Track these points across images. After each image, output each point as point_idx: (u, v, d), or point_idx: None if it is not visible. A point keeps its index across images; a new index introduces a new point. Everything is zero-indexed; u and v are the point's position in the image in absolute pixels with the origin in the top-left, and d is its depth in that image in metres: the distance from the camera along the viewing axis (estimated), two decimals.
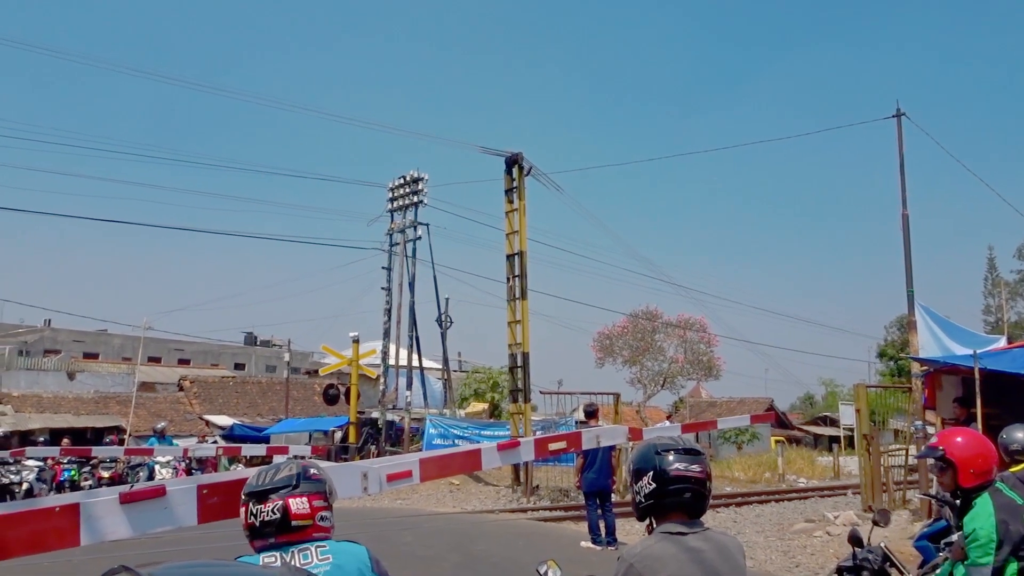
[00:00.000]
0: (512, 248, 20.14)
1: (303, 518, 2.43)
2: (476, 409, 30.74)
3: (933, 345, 15.14)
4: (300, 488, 2.44)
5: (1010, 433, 5.30)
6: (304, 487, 2.45)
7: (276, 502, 2.41)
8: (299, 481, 2.46)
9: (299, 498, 2.43)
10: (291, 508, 2.41)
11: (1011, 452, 5.19)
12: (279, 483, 2.44)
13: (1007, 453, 5.22)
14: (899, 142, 17.26)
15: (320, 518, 2.47)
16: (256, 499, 2.44)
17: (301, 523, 2.43)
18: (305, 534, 2.43)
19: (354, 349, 26.75)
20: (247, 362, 54.72)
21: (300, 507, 2.43)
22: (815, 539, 12.18)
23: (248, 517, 2.44)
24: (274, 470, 2.50)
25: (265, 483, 2.45)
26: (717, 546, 2.58)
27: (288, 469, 2.49)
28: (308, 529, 2.44)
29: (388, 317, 29.32)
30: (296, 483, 2.44)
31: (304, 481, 2.47)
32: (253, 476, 2.52)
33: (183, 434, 30.28)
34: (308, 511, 2.44)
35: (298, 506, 2.42)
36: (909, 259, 16.68)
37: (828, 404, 55.75)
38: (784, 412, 54.17)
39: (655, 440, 2.74)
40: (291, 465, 2.53)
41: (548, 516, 15.48)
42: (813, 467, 30.64)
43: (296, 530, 2.41)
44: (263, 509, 2.41)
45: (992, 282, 49.85)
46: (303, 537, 2.43)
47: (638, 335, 38.93)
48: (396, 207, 29.48)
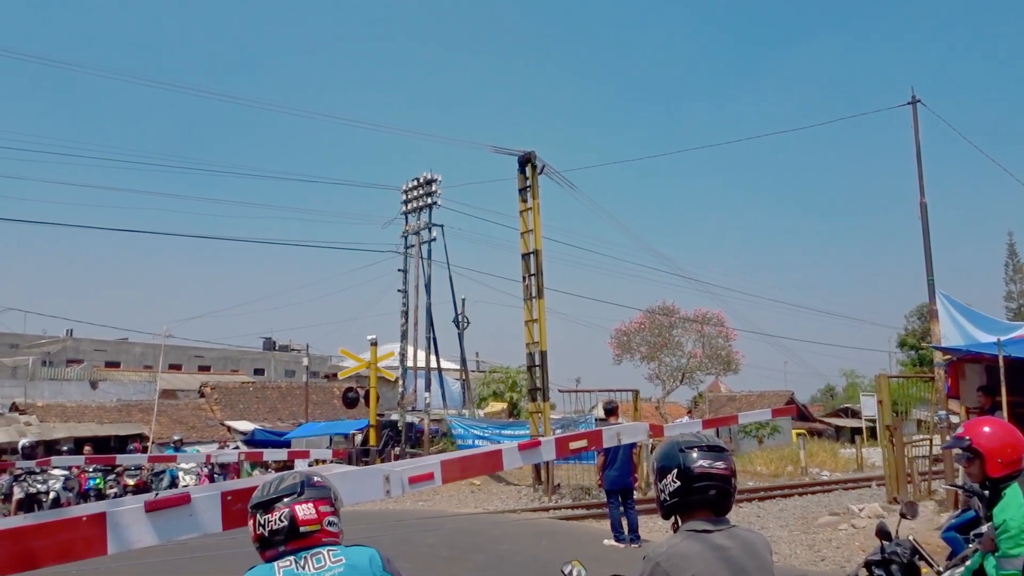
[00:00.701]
0: (527, 247, 20.12)
1: (311, 524, 2.46)
2: (495, 409, 30.74)
3: (955, 333, 14.97)
4: (305, 495, 2.48)
5: None
6: (309, 493, 2.49)
7: (283, 510, 2.45)
8: (303, 488, 2.49)
9: (305, 504, 2.47)
10: (298, 515, 2.44)
11: None
12: (284, 491, 2.48)
13: None
14: (915, 129, 17.08)
15: (328, 523, 2.51)
16: (263, 509, 2.47)
17: (309, 529, 2.46)
18: (315, 539, 2.46)
19: (372, 352, 26.85)
20: (266, 367, 55.06)
21: (307, 513, 2.46)
22: (840, 532, 12.09)
23: (256, 528, 2.48)
24: (278, 480, 2.54)
25: (270, 493, 2.49)
26: (743, 543, 2.57)
27: (292, 478, 2.54)
28: (317, 534, 2.47)
29: (405, 319, 29.39)
30: (301, 490, 2.48)
31: (308, 488, 2.51)
32: (258, 488, 2.56)
33: (205, 440, 30.52)
34: (315, 516, 2.47)
35: (305, 512, 2.46)
36: (928, 247, 16.51)
37: (849, 395, 55.28)
38: (805, 405, 53.79)
39: (678, 437, 2.73)
40: (294, 475, 2.57)
41: (570, 515, 15.46)
42: (836, 459, 30.40)
43: (305, 536, 2.45)
44: (271, 518, 2.45)
45: (1013, 268, 49.20)
46: (313, 543, 2.46)
47: (655, 331, 38.73)
48: (410, 209, 29.55)
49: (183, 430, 32.62)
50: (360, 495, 4.74)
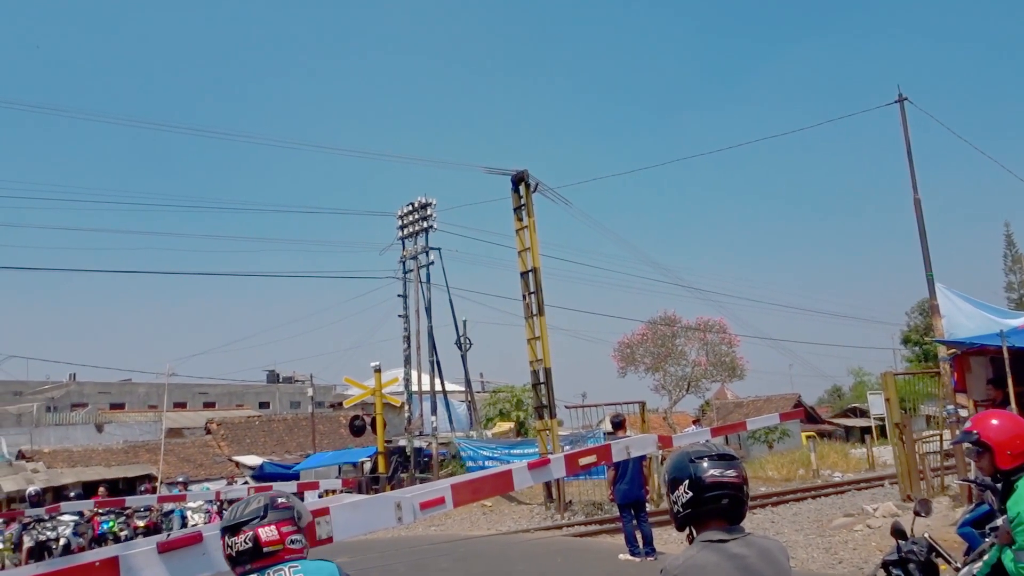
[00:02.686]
0: (525, 265, 20.15)
1: (273, 544, 2.70)
2: (502, 429, 30.66)
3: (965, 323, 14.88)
4: (268, 518, 2.72)
5: None
6: (272, 516, 2.73)
7: (247, 533, 2.69)
8: (267, 512, 2.73)
9: (268, 527, 2.71)
10: (261, 537, 2.69)
11: None
12: (248, 516, 2.72)
13: None
14: (904, 127, 17.19)
15: (291, 541, 2.74)
16: (230, 532, 2.73)
17: (272, 548, 2.70)
18: (278, 557, 2.70)
19: (376, 379, 26.80)
20: (271, 400, 54.91)
21: (270, 535, 2.70)
22: (856, 533, 12.01)
23: (225, 549, 2.74)
24: (244, 504, 2.79)
25: (237, 517, 2.74)
26: (760, 550, 2.55)
27: (256, 502, 2.77)
28: (280, 553, 2.71)
29: (407, 344, 29.39)
30: (264, 513, 2.73)
31: (272, 511, 2.74)
32: (227, 511, 2.84)
33: (214, 477, 30.36)
34: (277, 537, 2.71)
35: (267, 534, 2.70)
36: (925, 243, 16.56)
37: (857, 395, 55.14)
38: (812, 406, 53.61)
39: (688, 448, 2.73)
40: (259, 498, 2.81)
41: (583, 531, 15.38)
42: (847, 460, 30.27)
43: (268, 555, 2.69)
44: (237, 540, 2.70)
45: (1012, 259, 49.25)
46: (276, 560, 2.70)
47: (658, 341, 38.68)
48: (407, 234, 29.64)
49: (191, 468, 32.49)
50: (372, 524, 4.73)
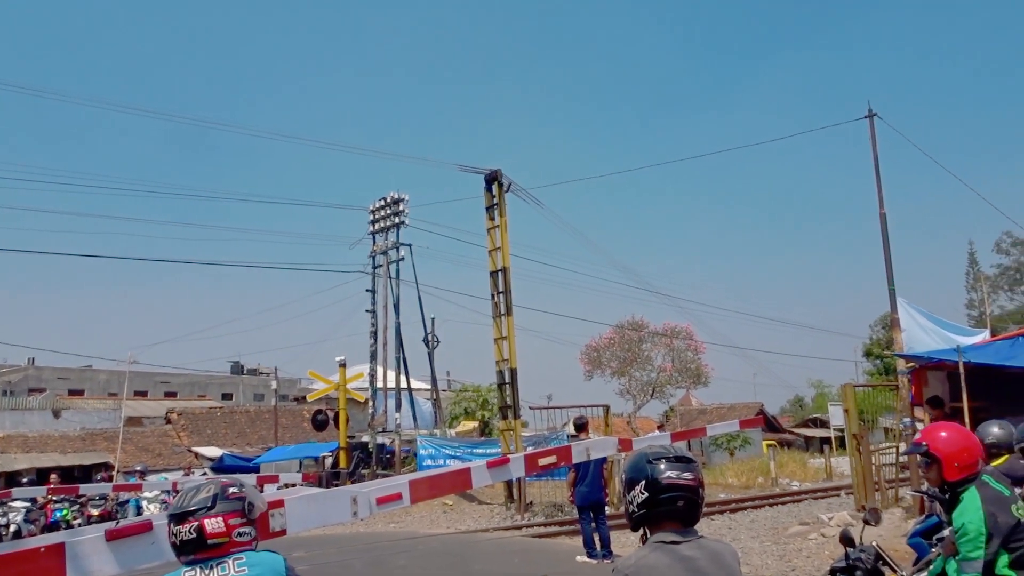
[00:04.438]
0: (495, 265, 20.15)
1: (219, 536, 2.61)
2: (466, 428, 30.62)
3: (924, 338, 15.22)
4: (216, 508, 2.63)
5: (985, 428, 5.33)
6: (220, 507, 2.64)
7: (192, 523, 2.60)
8: (215, 502, 2.64)
9: (214, 518, 2.62)
10: (206, 528, 2.60)
11: (987, 447, 5.22)
12: (195, 505, 2.63)
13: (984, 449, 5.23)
14: (872, 142, 17.51)
15: (238, 534, 2.65)
16: (176, 520, 2.63)
17: (217, 541, 2.61)
18: (223, 550, 2.61)
19: (341, 373, 26.63)
20: (234, 392, 54.30)
21: (215, 526, 2.61)
22: (810, 541, 12.18)
23: (170, 536, 2.65)
24: (193, 491, 2.70)
25: (183, 505, 2.65)
26: (711, 553, 2.57)
27: (206, 491, 2.68)
28: (225, 545, 2.62)
29: (374, 339, 29.23)
30: (212, 504, 2.63)
31: (221, 501, 2.65)
32: (176, 498, 2.72)
33: (172, 467, 29.94)
34: (223, 529, 2.62)
35: (213, 526, 2.61)
36: (889, 257, 16.87)
37: (818, 405, 55.93)
38: (774, 416, 54.27)
39: (646, 449, 2.74)
40: (210, 486, 2.71)
41: (543, 532, 15.41)
42: (805, 469, 30.73)
43: (213, 547, 2.60)
44: (181, 529, 2.61)
45: (974, 276, 50.29)
46: (220, 553, 2.61)
47: (625, 346, 38.92)
48: (378, 229, 29.47)
49: (149, 458, 32.02)
50: (327, 517, 4.69)
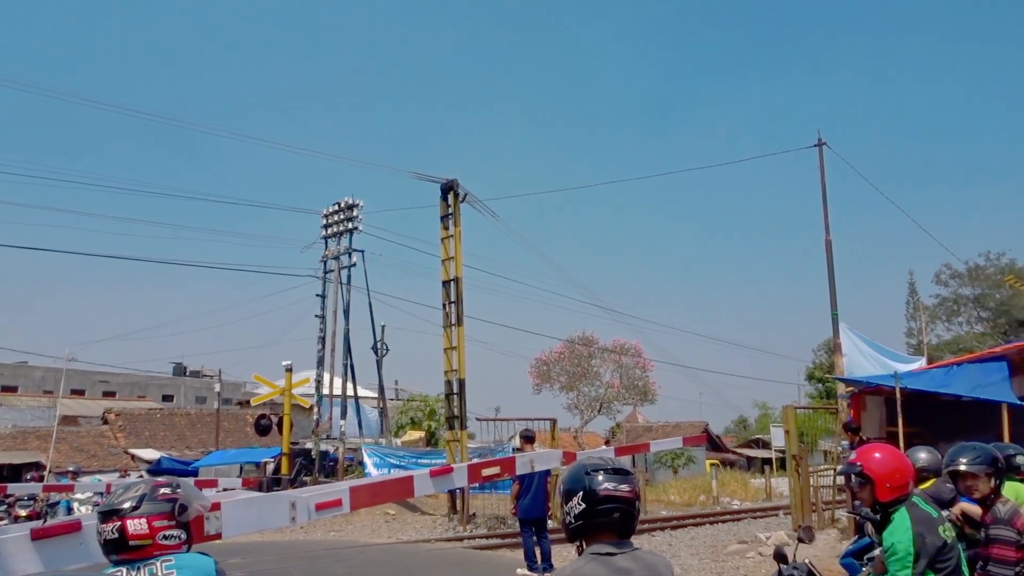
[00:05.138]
0: (448, 274, 20.11)
1: (141, 538, 2.54)
2: (412, 437, 30.37)
3: (864, 364, 15.66)
4: (141, 510, 2.55)
5: (913, 453, 5.51)
6: (146, 508, 2.56)
7: (115, 523, 2.53)
8: (141, 503, 2.57)
9: (138, 520, 2.54)
10: (128, 529, 2.53)
11: (916, 471, 5.38)
12: (121, 504, 2.56)
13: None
14: (821, 171, 17.99)
15: (163, 536, 2.57)
16: (103, 518, 2.57)
17: (139, 543, 2.54)
18: (146, 552, 2.54)
19: (287, 378, 26.23)
20: (176, 393, 53.13)
21: (138, 528, 2.54)
22: (748, 560, 12.36)
23: (97, 534, 2.58)
24: (123, 490, 2.63)
25: (110, 503, 2.57)
26: (646, 566, 2.59)
27: (135, 490, 2.61)
28: (148, 548, 2.54)
29: (322, 345, 28.88)
30: (137, 505, 2.56)
31: (148, 502, 2.58)
32: (107, 494, 2.62)
33: (107, 469, 29.09)
34: (147, 532, 2.54)
35: (136, 527, 2.53)
36: (833, 283, 17.30)
37: (761, 427, 56.85)
38: (719, 435, 55.02)
39: (585, 460, 2.75)
40: (140, 485, 2.65)
41: (484, 544, 15.34)
42: (746, 489, 31.18)
43: (135, 549, 2.53)
44: (106, 528, 2.54)
45: (913, 306, 51.76)
46: (143, 555, 2.54)
47: (575, 361, 39.16)
48: (330, 234, 29.20)
49: (83, 459, 31.09)
50: (264, 522, 4.62)
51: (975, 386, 11.52)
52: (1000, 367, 11.76)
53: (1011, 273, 43.26)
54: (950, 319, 51.33)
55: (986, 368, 11.89)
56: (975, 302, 49.84)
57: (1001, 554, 4.24)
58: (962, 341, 45.47)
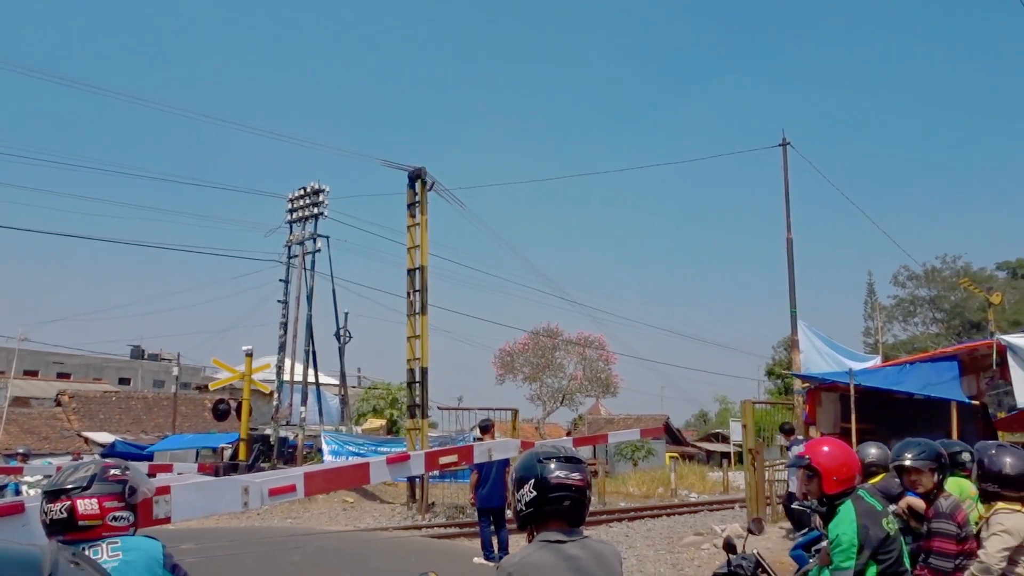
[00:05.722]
0: (413, 263, 20.03)
1: (91, 519, 2.50)
2: (373, 425, 30.24)
3: (819, 361, 15.93)
4: (91, 490, 2.52)
5: (864, 449, 5.64)
6: (96, 488, 2.52)
7: (65, 502, 2.49)
8: (91, 483, 2.53)
9: (88, 500, 2.50)
10: (78, 509, 2.49)
11: (865, 466, 5.52)
12: (70, 484, 2.51)
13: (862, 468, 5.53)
14: (784, 170, 18.21)
15: (112, 518, 2.54)
16: (49, 498, 2.52)
17: (89, 523, 2.50)
18: (94, 533, 2.50)
19: (247, 363, 25.91)
20: (133, 377, 52.23)
21: (88, 508, 2.50)
22: (703, 551, 12.53)
23: (41, 514, 2.53)
24: (71, 470, 2.58)
25: (58, 483, 2.52)
26: (594, 554, 2.61)
27: (84, 470, 2.57)
28: (98, 529, 2.51)
29: (284, 331, 28.61)
30: (88, 485, 2.52)
31: (98, 483, 2.54)
32: (53, 474, 2.60)
33: (59, 452, 28.52)
34: (97, 512, 2.51)
35: (86, 507, 2.50)
36: (793, 281, 17.54)
37: (720, 421, 57.58)
38: (679, 429, 55.65)
39: (537, 448, 2.76)
40: (89, 465, 2.61)
41: (442, 533, 15.35)
42: (704, 482, 31.59)
43: (84, 529, 2.49)
44: (53, 508, 2.49)
45: (871, 306, 52.76)
46: (92, 536, 2.50)
47: (539, 352, 39.34)
48: (295, 219, 28.90)
49: (35, 441, 30.47)
50: (215, 506, 4.55)
51: (926, 384, 11.78)
52: (951, 366, 12.03)
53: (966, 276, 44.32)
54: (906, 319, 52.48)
55: (938, 367, 12.16)
56: (931, 303, 51.02)
57: (942, 547, 4.35)
58: (917, 341, 46.52)
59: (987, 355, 12.00)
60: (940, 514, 4.43)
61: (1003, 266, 52.57)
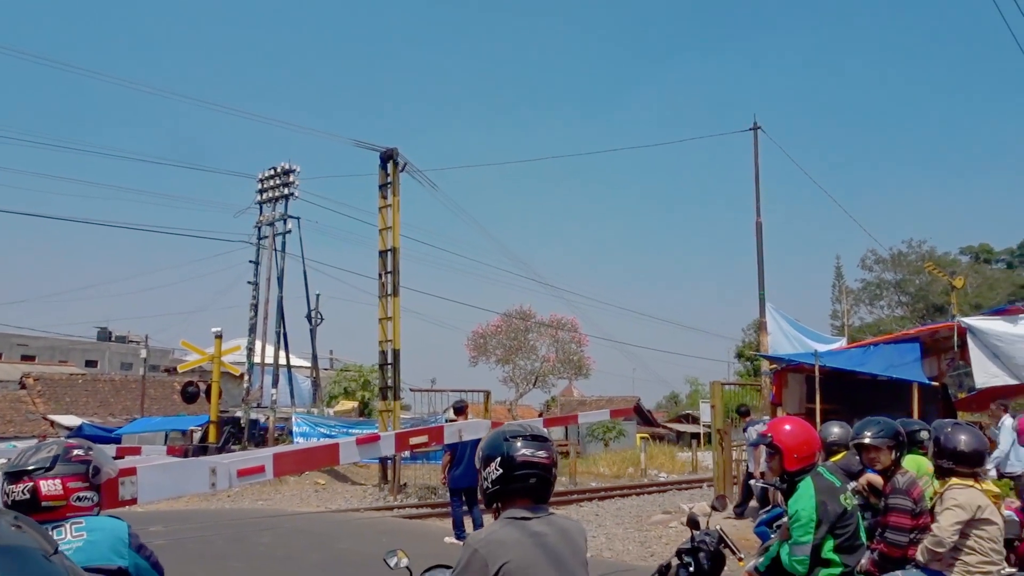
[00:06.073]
0: (385, 244, 19.95)
1: (55, 499, 2.49)
2: (345, 407, 30.20)
3: (785, 344, 16.20)
4: (55, 470, 2.50)
5: (827, 428, 5.79)
6: (60, 469, 2.51)
7: (27, 483, 2.47)
8: (55, 463, 2.51)
9: (52, 480, 2.49)
10: (41, 490, 2.47)
11: (828, 445, 5.67)
12: (33, 464, 2.50)
13: (824, 446, 5.69)
14: (755, 153, 18.38)
15: (77, 498, 2.53)
16: (10, 479, 2.49)
17: (53, 504, 2.48)
18: (59, 514, 2.49)
19: (216, 345, 25.68)
20: (100, 359, 51.54)
21: (52, 489, 2.48)
22: (671, 529, 12.73)
23: (3, 495, 2.50)
24: (34, 450, 2.56)
25: (19, 463, 2.50)
26: (559, 530, 2.66)
27: (47, 450, 2.55)
28: (62, 509, 2.49)
29: (254, 312, 28.36)
30: (51, 465, 2.50)
31: (61, 463, 2.52)
32: (14, 454, 2.59)
33: (24, 435, 28.11)
34: (61, 492, 2.49)
35: (49, 488, 2.48)
36: (761, 264, 17.75)
37: (691, 402, 58.22)
38: (650, 410, 56.25)
39: (504, 427, 2.80)
40: (52, 446, 2.59)
41: (414, 513, 15.42)
42: (674, 462, 32.00)
43: (48, 510, 2.47)
44: (15, 489, 2.47)
45: (839, 289, 53.47)
46: (56, 517, 2.47)
47: (511, 334, 39.42)
48: (265, 199, 28.56)
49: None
50: (182, 487, 4.56)
51: (889, 366, 12.04)
52: (913, 348, 12.30)
53: (930, 260, 45.06)
54: (873, 303, 53.30)
55: (900, 349, 12.43)
56: (896, 287, 51.84)
57: (898, 522, 4.49)
58: (883, 324, 47.28)
59: (948, 337, 12.29)
60: (896, 490, 4.57)
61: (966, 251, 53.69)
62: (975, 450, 4.42)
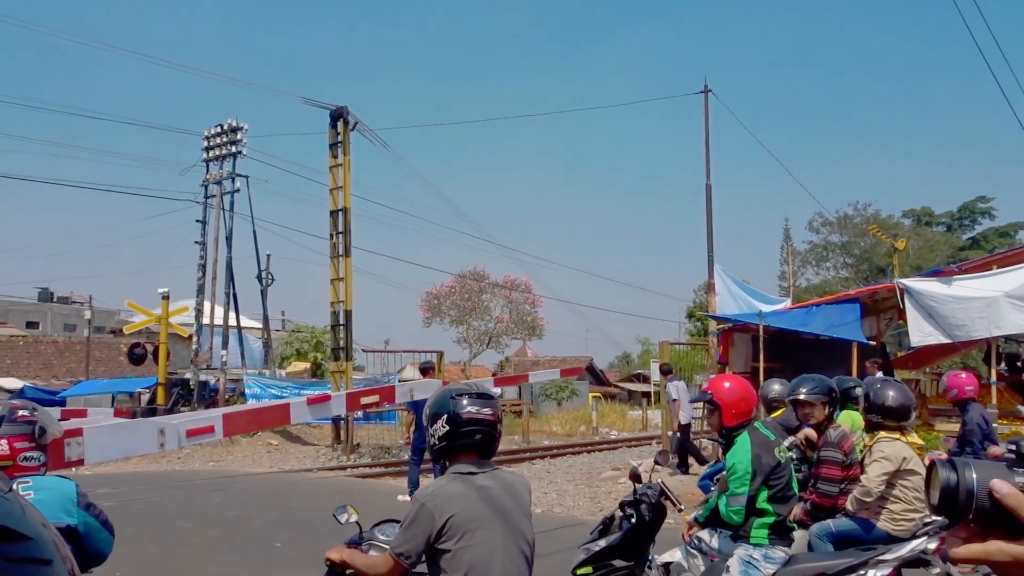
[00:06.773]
0: (336, 204, 19.71)
1: (1, 459, 2.52)
2: (297, 369, 30.01)
3: (732, 304, 16.54)
4: (0, 431, 2.54)
5: (768, 385, 6.01)
6: (5, 429, 2.55)
7: None
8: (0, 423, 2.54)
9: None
10: None
11: (768, 401, 5.89)
12: None
13: (766, 403, 5.91)
14: (705, 116, 18.52)
15: (23, 458, 2.56)
16: None
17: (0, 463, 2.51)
18: (6, 473, 2.45)
19: (163, 306, 25.23)
20: (42, 320, 50.15)
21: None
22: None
23: None
24: None
25: None
26: (505, 484, 2.75)
27: None
28: (8, 469, 2.53)
29: (202, 273, 27.87)
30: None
31: (7, 424, 2.56)
32: None
33: None
34: (8, 453, 2.53)
35: None
36: (711, 226, 18.02)
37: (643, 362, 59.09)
38: (603, 370, 56.98)
39: (451, 386, 2.87)
40: None
41: (368, 472, 15.52)
42: (624, 420, 32.59)
43: None
44: None
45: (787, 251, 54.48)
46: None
47: (465, 295, 39.47)
48: (212, 157, 27.90)
49: None
50: (130, 448, 4.53)
51: (830, 326, 12.41)
52: (853, 309, 12.68)
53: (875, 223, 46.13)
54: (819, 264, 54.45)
55: (841, 309, 12.80)
56: (842, 249, 53.03)
57: (829, 473, 4.71)
58: (828, 285, 48.40)
59: (888, 298, 12.69)
60: (828, 443, 4.79)
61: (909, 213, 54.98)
62: (902, 405, 4.64)
